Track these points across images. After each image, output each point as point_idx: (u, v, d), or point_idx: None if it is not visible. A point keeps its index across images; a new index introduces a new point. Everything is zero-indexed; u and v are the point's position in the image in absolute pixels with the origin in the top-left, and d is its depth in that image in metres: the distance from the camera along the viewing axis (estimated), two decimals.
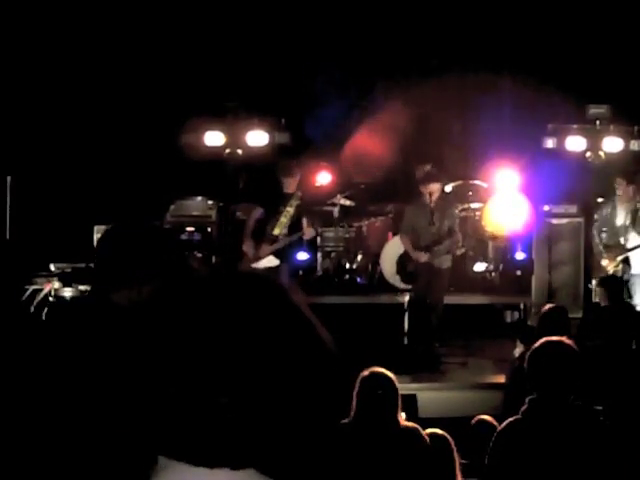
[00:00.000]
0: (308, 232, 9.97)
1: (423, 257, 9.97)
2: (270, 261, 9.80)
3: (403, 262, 10.30)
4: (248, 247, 9.88)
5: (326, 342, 1.36)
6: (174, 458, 1.29)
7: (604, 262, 10.53)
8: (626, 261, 10.46)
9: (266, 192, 10.23)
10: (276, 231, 9.85)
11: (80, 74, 12.23)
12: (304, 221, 9.94)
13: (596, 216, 11.02)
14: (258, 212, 10.00)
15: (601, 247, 10.66)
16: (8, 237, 11.25)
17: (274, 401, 1.29)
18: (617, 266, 10.45)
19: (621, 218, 10.58)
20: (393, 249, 11.26)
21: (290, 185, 9.94)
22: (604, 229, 10.69)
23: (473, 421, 5.94)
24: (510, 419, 4.32)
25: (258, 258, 9.79)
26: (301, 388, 1.31)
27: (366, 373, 5.01)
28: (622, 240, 10.51)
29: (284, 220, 9.85)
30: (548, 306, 8.02)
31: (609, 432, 4.16)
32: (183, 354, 1.29)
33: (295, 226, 9.91)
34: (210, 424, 1.27)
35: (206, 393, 1.27)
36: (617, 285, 9.60)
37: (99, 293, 2.99)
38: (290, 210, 9.84)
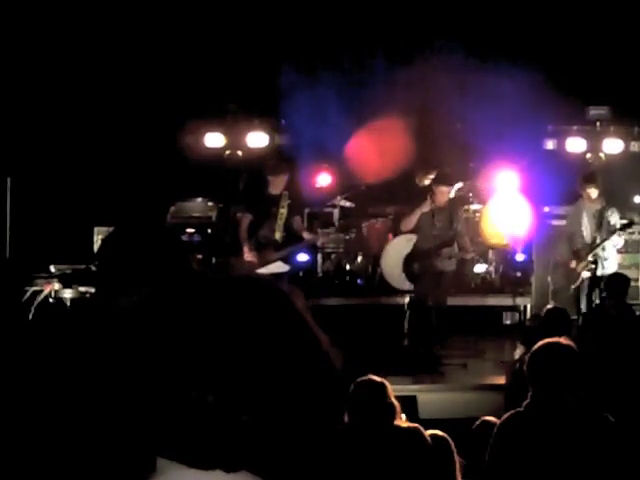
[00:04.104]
0: (315, 237, 10.21)
1: None
2: (279, 267, 9.67)
3: (410, 261, 10.22)
4: (250, 255, 9.70)
5: (322, 345, 1.36)
6: (171, 459, 1.30)
7: (573, 264, 10.56)
8: (595, 261, 10.48)
9: (256, 195, 10.03)
10: (277, 235, 9.72)
11: (80, 76, 12.23)
12: (296, 220, 9.87)
13: (566, 222, 11.06)
14: (247, 218, 9.83)
15: (568, 251, 10.73)
16: (8, 238, 11.26)
17: (265, 402, 1.29)
18: (587, 266, 10.49)
19: (587, 220, 10.61)
20: (394, 250, 11.26)
21: (279, 185, 9.71)
22: (576, 233, 10.72)
23: (477, 422, 5.93)
24: (512, 411, 4.32)
25: (265, 263, 9.63)
26: (294, 389, 1.31)
27: (355, 383, 4.93)
28: (589, 240, 10.55)
29: (280, 223, 9.74)
30: (549, 307, 8.02)
31: (614, 430, 4.15)
32: (175, 354, 1.30)
33: (287, 226, 9.79)
34: (201, 424, 1.27)
35: (194, 391, 1.28)
36: (618, 286, 9.60)
37: (102, 295, 3.00)
38: (284, 212, 9.73)
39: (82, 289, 9.34)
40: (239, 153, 12.82)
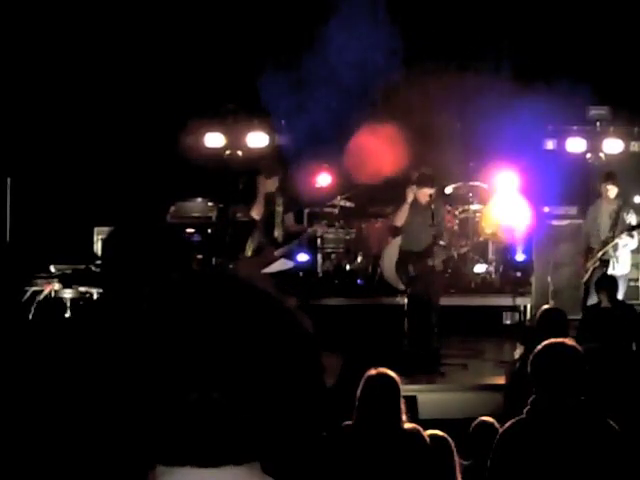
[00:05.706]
0: (315, 229, 10.25)
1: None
2: (283, 264, 9.67)
3: (404, 264, 10.21)
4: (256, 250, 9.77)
5: (309, 337, 1.37)
6: (171, 464, 1.30)
7: (588, 263, 10.61)
8: (605, 261, 10.50)
9: (255, 195, 10.07)
10: (276, 233, 9.77)
11: (80, 76, 12.23)
12: (287, 217, 9.90)
13: (584, 220, 11.09)
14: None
15: (583, 249, 10.80)
16: (8, 239, 11.26)
17: (267, 395, 1.30)
18: (595, 262, 10.50)
19: (603, 220, 10.63)
20: (394, 251, 11.25)
21: (272, 184, 9.78)
22: (591, 232, 10.75)
23: (475, 422, 5.93)
24: (515, 419, 4.30)
25: (269, 262, 9.63)
26: (292, 382, 1.32)
27: (371, 373, 5.00)
28: (603, 239, 10.57)
29: (278, 221, 9.79)
30: (545, 307, 8.02)
31: (617, 438, 4.13)
32: (175, 351, 1.30)
33: (283, 224, 9.86)
34: (206, 420, 1.28)
35: (199, 388, 1.28)
36: (616, 286, 9.60)
37: (104, 295, 3.00)
38: (280, 210, 9.79)
39: (82, 289, 9.35)
40: (239, 153, 12.82)
